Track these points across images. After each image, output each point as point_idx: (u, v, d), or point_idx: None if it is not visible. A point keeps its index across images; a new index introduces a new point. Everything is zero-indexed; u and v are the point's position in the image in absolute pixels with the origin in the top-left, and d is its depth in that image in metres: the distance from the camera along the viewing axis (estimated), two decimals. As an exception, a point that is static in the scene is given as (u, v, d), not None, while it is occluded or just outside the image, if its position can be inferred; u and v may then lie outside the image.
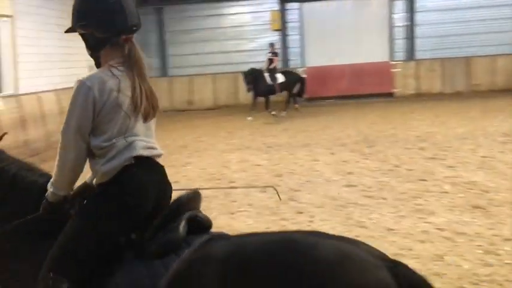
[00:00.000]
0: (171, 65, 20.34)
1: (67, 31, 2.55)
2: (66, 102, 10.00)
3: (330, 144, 10.83)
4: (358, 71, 18.60)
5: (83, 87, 2.27)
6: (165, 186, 2.46)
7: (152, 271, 2.13)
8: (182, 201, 2.34)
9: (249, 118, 14.83)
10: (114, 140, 2.30)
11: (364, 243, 2.05)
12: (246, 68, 19.56)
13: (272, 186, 4.36)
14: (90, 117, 2.26)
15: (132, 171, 2.29)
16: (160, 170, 2.46)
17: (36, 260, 2.31)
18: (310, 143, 11.13)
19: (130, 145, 2.32)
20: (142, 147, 2.36)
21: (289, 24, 19.44)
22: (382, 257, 1.95)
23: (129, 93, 2.32)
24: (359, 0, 19.10)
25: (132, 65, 2.36)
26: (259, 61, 19.41)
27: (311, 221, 5.98)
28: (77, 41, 11.32)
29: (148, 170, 2.36)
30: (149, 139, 2.44)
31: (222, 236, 2.24)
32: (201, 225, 2.34)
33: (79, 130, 2.27)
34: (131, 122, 2.34)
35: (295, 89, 15.88)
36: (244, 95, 19.48)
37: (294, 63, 19.50)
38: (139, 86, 2.33)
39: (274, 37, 19.37)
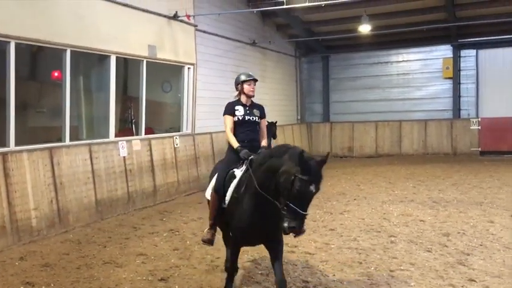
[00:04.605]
0: (333, 111, 20.53)
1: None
2: (235, 143, 9.98)
3: (509, 204, 9.59)
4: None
5: None
6: None
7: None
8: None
9: None
10: None
11: None
12: (411, 116, 18.86)
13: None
14: None
15: None
16: None
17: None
18: (484, 201, 10.00)
19: None
20: None
21: (463, 72, 18.20)
22: None
23: None
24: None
25: None
26: (426, 110, 18.59)
27: (486, 292, 5.23)
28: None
29: None
30: None
31: None
32: None
33: None
34: None
35: None
36: (408, 145, 18.65)
37: (467, 113, 18.10)
38: None
39: (445, 85, 18.37)
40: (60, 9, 8.64)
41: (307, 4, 12.17)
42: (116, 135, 10.34)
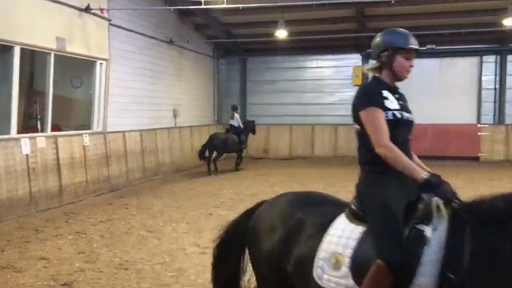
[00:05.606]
0: (251, 113, 20.78)
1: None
2: (149, 143, 10.45)
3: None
4: (441, 132, 17.85)
5: None
6: None
7: None
8: None
9: None
10: None
11: None
12: (323, 120, 19.53)
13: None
14: None
15: None
16: None
17: None
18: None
19: None
20: None
21: (370, 80, 19.29)
22: None
23: None
24: (446, 59, 18.57)
25: None
26: (337, 115, 19.44)
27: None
28: (162, 85, 11.94)
29: None
30: None
31: None
32: None
33: None
34: None
35: None
36: (320, 148, 19.38)
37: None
38: None
39: (355, 92, 19.35)
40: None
41: (224, 6, 12.19)
42: (19, 132, 9.69)
